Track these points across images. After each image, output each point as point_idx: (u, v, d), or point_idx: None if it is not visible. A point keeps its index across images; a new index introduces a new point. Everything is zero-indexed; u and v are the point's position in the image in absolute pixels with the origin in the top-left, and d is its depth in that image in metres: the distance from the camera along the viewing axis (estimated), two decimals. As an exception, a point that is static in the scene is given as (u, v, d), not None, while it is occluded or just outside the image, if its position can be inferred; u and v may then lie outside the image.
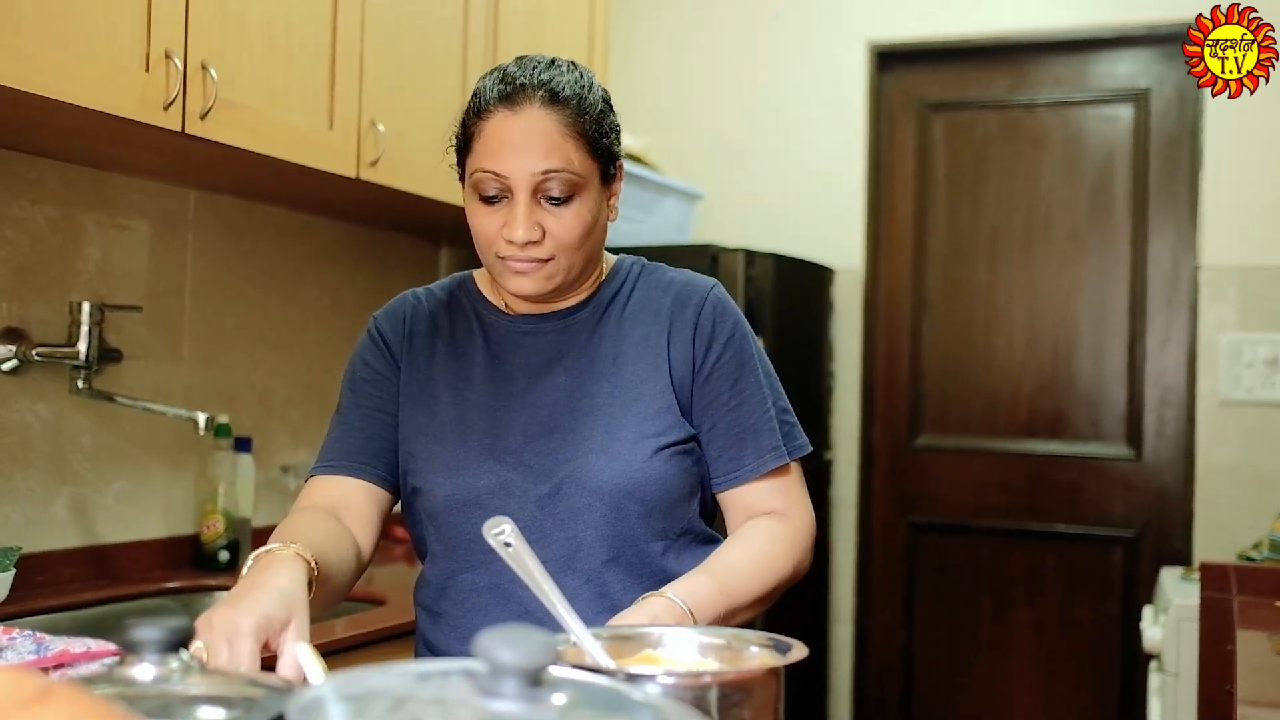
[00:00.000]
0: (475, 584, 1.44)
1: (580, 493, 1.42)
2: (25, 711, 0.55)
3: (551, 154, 1.37)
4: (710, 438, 1.48)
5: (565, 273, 1.43)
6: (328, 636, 1.95)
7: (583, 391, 1.46)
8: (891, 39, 3.73)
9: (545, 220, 1.39)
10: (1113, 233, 3.57)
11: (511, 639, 0.63)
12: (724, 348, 1.48)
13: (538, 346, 1.49)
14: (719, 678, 0.97)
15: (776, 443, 1.49)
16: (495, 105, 1.40)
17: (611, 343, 1.48)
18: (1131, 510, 3.53)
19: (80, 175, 2.26)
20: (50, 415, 2.21)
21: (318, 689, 0.63)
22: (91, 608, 2.12)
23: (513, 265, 1.41)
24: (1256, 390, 3.32)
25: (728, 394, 1.48)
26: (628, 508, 1.42)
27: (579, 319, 1.50)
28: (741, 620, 1.39)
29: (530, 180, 1.37)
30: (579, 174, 1.39)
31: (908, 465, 3.77)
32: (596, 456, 1.42)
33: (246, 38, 2.09)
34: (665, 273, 1.55)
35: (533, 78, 1.40)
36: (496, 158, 1.38)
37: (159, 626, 0.73)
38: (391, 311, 1.57)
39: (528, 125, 1.38)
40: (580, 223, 1.40)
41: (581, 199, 1.40)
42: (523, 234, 1.37)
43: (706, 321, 1.48)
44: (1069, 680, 3.56)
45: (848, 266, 3.72)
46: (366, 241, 3.02)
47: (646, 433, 1.43)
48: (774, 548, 1.46)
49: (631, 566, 1.43)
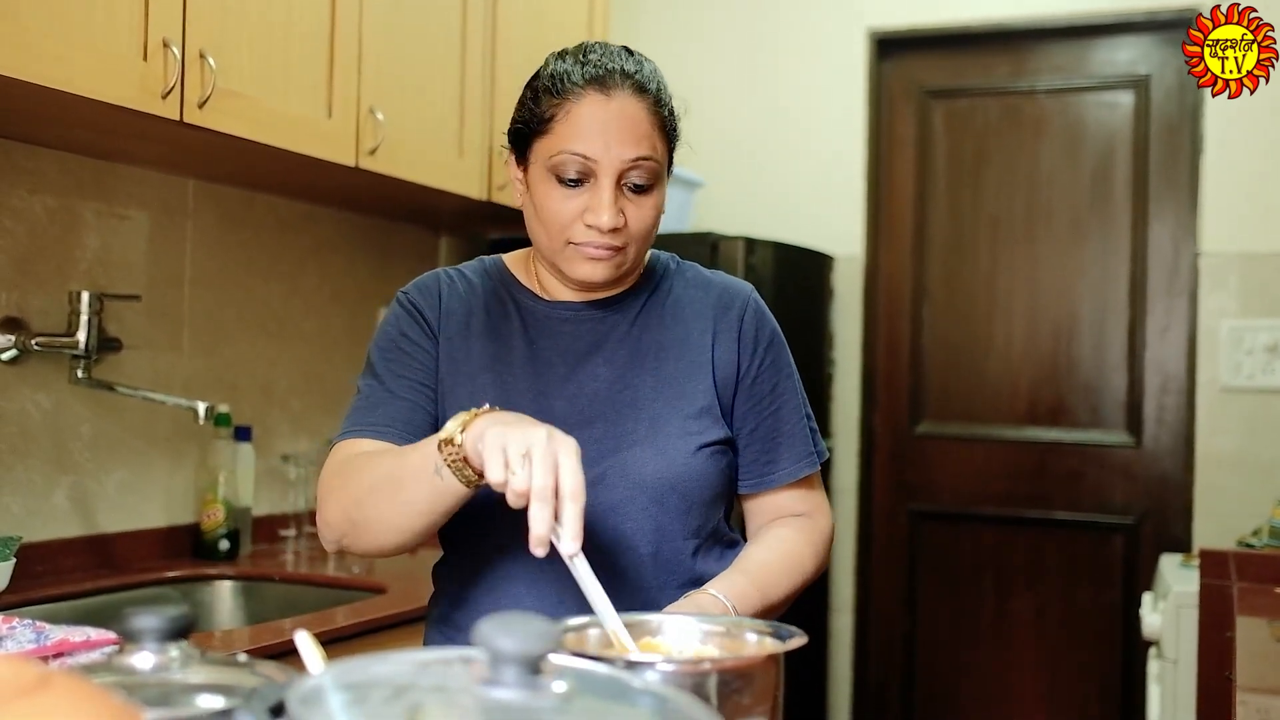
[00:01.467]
0: (510, 572, 1.41)
1: (623, 484, 1.40)
2: (24, 700, 0.55)
3: (642, 142, 1.37)
4: (747, 441, 1.49)
5: (631, 263, 1.43)
6: (328, 625, 1.95)
7: (624, 383, 1.45)
8: (892, 26, 3.72)
9: (626, 208, 1.38)
10: (1113, 220, 3.56)
11: (511, 627, 0.63)
12: (765, 353, 1.50)
13: (577, 334, 1.47)
14: (718, 665, 0.97)
15: (809, 449, 1.52)
16: (585, 88, 1.37)
17: (653, 337, 1.47)
18: (1132, 497, 3.53)
19: (79, 165, 2.26)
20: (50, 405, 2.21)
21: (317, 678, 0.63)
22: (91, 597, 2.13)
23: (587, 251, 1.38)
24: (1257, 377, 3.32)
25: (767, 398, 1.49)
26: (669, 502, 1.41)
27: (618, 310, 1.49)
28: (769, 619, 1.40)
29: (619, 166, 1.36)
30: (660, 164, 1.40)
31: (908, 453, 3.77)
32: (641, 449, 1.41)
33: (245, 26, 2.08)
34: (702, 272, 1.55)
35: (621, 65, 1.39)
36: (588, 140, 1.36)
37: (159, 615, 0.73)
38: (424, 287, 1.51)
39: (621, 111, 1.36)
40: (655, 213, 1.41)
41: (658, 190, 1.41)
42: (609, 219, 1.36)
43: (750, 326, 1.49)
44: (1069, 667, 3.56)
45: (848, 254, 3.72)
46: (366, 230, 3.02)
47: (690, 429, 1.43)
48: (801, 549, 1.48)
49: (668, 564, 1.42)
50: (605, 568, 1.37)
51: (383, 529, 1.30)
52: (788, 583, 1.43)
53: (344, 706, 0.60)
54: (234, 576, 2.39)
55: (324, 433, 2.87)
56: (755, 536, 1.51)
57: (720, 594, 1.32)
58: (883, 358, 3.79)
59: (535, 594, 1.39)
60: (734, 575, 1.38)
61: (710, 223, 3.58)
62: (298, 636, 0.79)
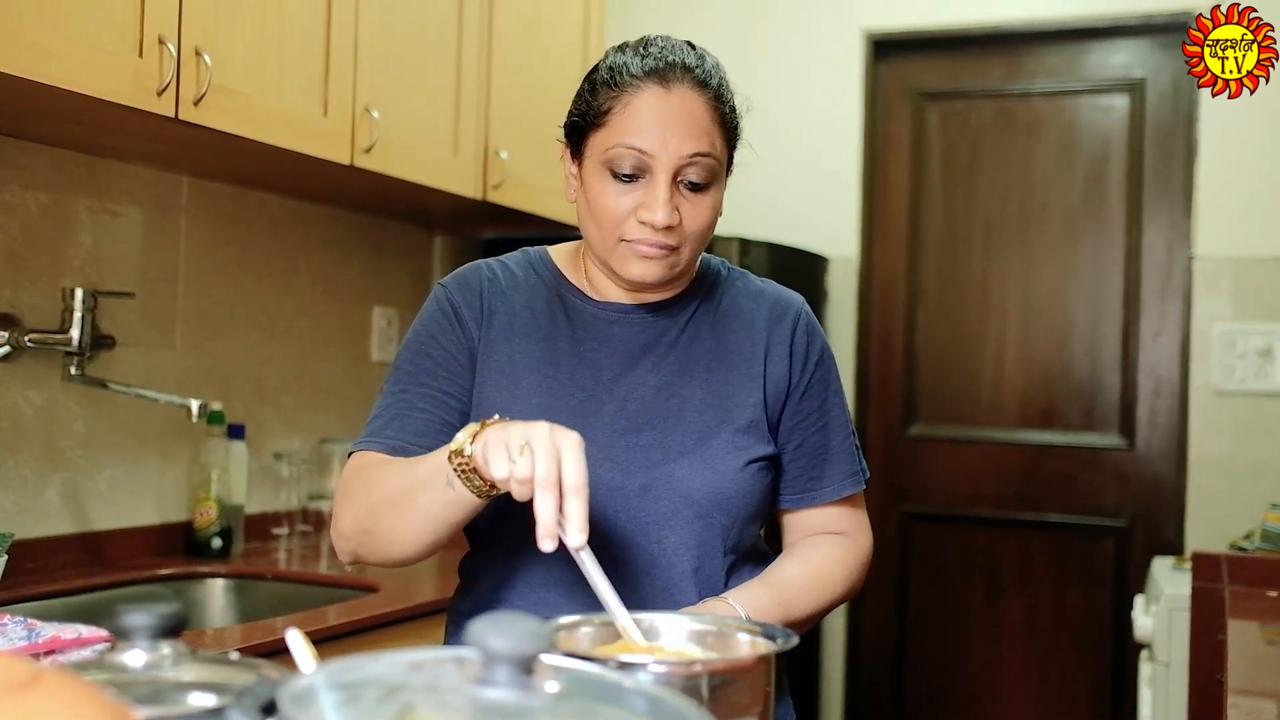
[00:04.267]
0: (546, 578, 1.37)
1: (670, 497, 1.36)
2: (14, 698, 0.55)
3: (701, 138, 1.33)
4: (793, 456, 1.45)
5: (686, 264, 1.38)
6: (320, 624, 1.95)
7: (671, 391, 1.40)
8: (887, 28, 3.72)
9: (682, 206, 1.34)
10: (1107, 223, 3.57)
11: (504, 627, 0.63)
12: (815, 367, 1.47)
13: (625, 337, 1.42)
14: (710, 665, 0.97)
15: (855, 468, 1.49)
16: (644, 81, 1.33)
17: (704, 346, 1.44)
18: (1124, 500, 3.54)
19: (73, 161, 2.25)
20: (42, 402, 2.20)
21: (309, 677, 0.63)
22: (83, 594, 2.12)
23: (640, 249, 1.34)
24: (1249, 381, 3.33)
25: (816, 414, 1.46)
26: (714, 518, 1.37)
27: (669, 314, 1.44)
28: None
29: (676, 162, 1.32)
30: (719, 161, 1.36)
31: (901, 454, 3.77)
32: (690, 461, 1.37)
33: (240, 23, 2.08)
34: (753, 281, 1.52)
35: (681, 58, 1.35)
36: (645, 134, 1.31)
37: (150, 613, 0.73)
38: (465, 284, 1.45)
39: (681, 105, 1.33)
40: (712, 213, 1.37)
41: (716, 188, 1.37)
42: (664, 216, 1.31)
43: (801, 340, 1.47)
44: (1061, 669, 3.57)
45: (842, 255, 3.72)
46: (360, 228, 3.01)
47: (739, 444, 1.39)
48: (832, 569, 1.44)
49: (709, 579, 1.38)
50: (648, 582, 1.35)
51: (396, 540, 1.29)
52: (812, 601, 1.40)
53: (335, 706, 0.60)
54: (226, 574, 2.38)
55: (317, 431, 2.87)
56: (789, 550, 1.48)
57: (738, 604, 1.29)
58: (876, 360, 3.80)
59: (570, 597, 1.32)
60: (756, 587, 1.35)
61: (705, 223, 3.58)
62: (289, 635, 0.79)
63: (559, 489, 1.07)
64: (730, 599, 1.31)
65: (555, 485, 1.07)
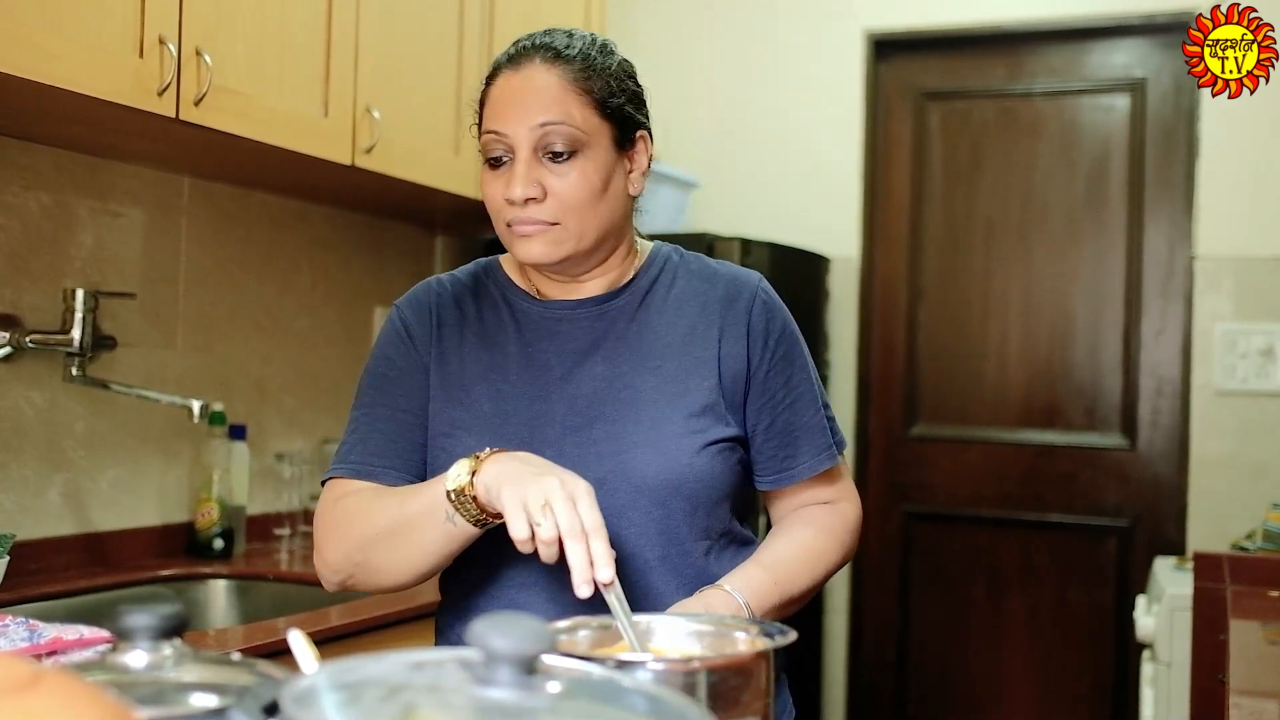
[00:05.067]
0: (519, 580, 1.37)
1: (626, 488, 1.35)
2: (15, 698, 0.55)
3: (551, 107, 1.33)
4: (765, 436, 1.44)
5: (576, 240, 1.36)
6: (322, 624, 1.95)
7: (624, 382, 1.40)
8: (889, 27, 3.72)
9: (546, 178, 1.33)
10: (1108, 222, 3.57)
11: (506, 627, 0.62)
12: (778, 344, 1.46)
13: (573, 334, 1.42)
14: (709, 663, 0.97)
15: (828, 441, 1.48)
16: (501, 70, 1.38)
17: (655, 334, 1.43)
18: (1125, 500, 3.54)
19: (74, 161, 2.25)
20: (44, 402, 2.21)
21: (311, 678, 0.63)
22: (85, 595, 2.12)
23: (519, 229, 1.35)
24: (1251, 381, 3.33)
25: (782, 391, 1.45)
26: (674, 505, 1.37)
27: (616, 306, 1.44)
28: (790, 613, 1.38)
29: (530, 136, 1.32)
30: (581, 129, 1.34)
31: (903, 454, 3.77)
32: (643, 451, 1.36)
33: (241, 23, 2.08)
34: (707, 263, 1.50)
35: (536, 41, 1.38)
36: (499, 116, 1.35)
37: (152, 613, 0.73)
38: (416, 301, 1.47)
39: (527, 81, 1.35)
40: (585, 182, 1.34)
41: (586, 157, 1.35)
42: (520, 190, 1.32)
43: (760, 319, 1.45)
44: (1062, 669, 3.57)
45: (844, 255, 3.72)
46: (361, 229, 3.01)
47: (694, 428, 1.38)
48: (823, 540, 1.45)
49: (677, 568, 1.38)
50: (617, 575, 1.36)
51: (392, 571, 1.32)
52: (808, 575, 1.41)
53: (337, 706, 0.60)
54: (228, 575, 2.38)
55: (318, 431, 2.87)
56: (778, 527, 1.49)
57: (734, 589, 1.31)
58: (878, 359, 3.79)
59: (546, 600, 1.35)
60: (750, 569, 1.36)
61: (706, 223, 3.58)
62: (291, 636, 0.79)
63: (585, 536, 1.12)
64: (726, 585, 1.32)
65: (583, 534, 1.12)
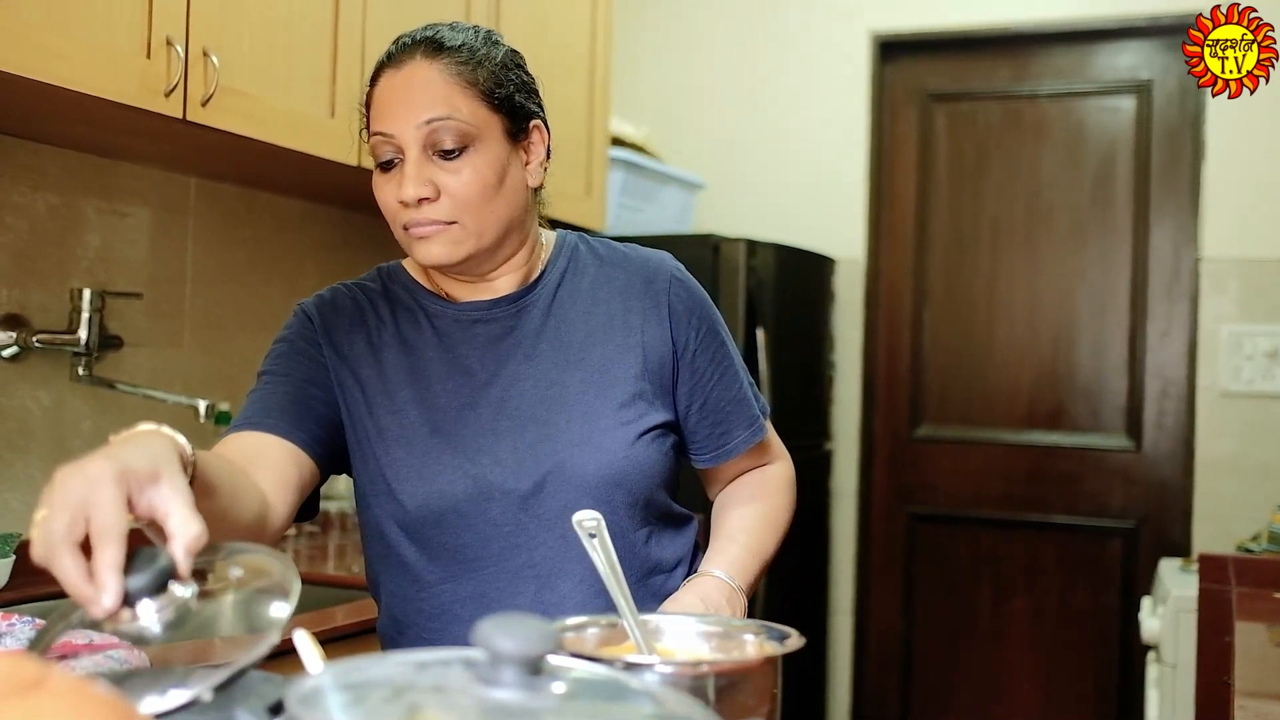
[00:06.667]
0: (457, 594, 1.35)
1: (565, 489, 1.33)
2: (21, 698, 0.55)
3: (436, 103, 1.29)
4: (700, 416, 1.44)
5: (476, 238, 1.32)
6: (327, 624, 1.95)
7: (550, 380, 1.37)
8: (894, 29, 3.72)
9: (438, 177, 1.29)
10: (1114, 224, 3.57)
11: (511, 627, 0.63)
12: (700, 323, 1.43)
13: (492, 335, 1.39)
14: (717, 666, 0.97)
15: (755, 412, 1.48)
16: (382, 70, 1.34)
17: (574, 326, 1.40)
18: (1131, 501, 3.53)
19: (81, 162, 2.26)
20: (51, 402, 2.21)
21: (317, 678, 0.64)
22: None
23: (415, 231, 1.31)
24: (1256, 382, 3.32)
25: (709, 369, 1.43)
26: (615, 499, 1.34)
27: (530, 302, 1.40)
28: (761, 576, 1.42)
29: (417, 134, 1.28)
30: (470, 124, 1.30)
31: (908, 456, 3.77)
32: (579, 449, 1.34)
33: (248, 24, 2.08)
34: (616, 248, 1.47)
35: (419, 35, 1.35)
36: (384, 117, 1.31)
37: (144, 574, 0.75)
38: (324, 302, 1.44)
39: (410, 78, 1.31)
40: (478, 178, 1.30)
41: (478, 151, 1.30)
42: (412, 190, 1.28)
43: (679, 299, 1.42)
44: (1067, 671, 3.56)
45: (849, 257, 3.72)
46: (367, 229, 3.01)
47: (625, 419, 1.36)
48: (775, 501, 1.50)
49: (623, 559, 1.35)
50: (560, 575, 1.34)
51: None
52: (775, 536, 1.47)
53: (343, 707, 0.60)
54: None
55: (324, 431, 2.87)
56: (727, 498, 1.51)
57: (721, 572, 1.32)
58: (883, 361, 3.79)
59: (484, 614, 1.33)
60: (725, 545, 1.39)
61: (711, 225, 3.58)
62: (297, 636, 0.79)
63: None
64: (714, 570, 1.33)
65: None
